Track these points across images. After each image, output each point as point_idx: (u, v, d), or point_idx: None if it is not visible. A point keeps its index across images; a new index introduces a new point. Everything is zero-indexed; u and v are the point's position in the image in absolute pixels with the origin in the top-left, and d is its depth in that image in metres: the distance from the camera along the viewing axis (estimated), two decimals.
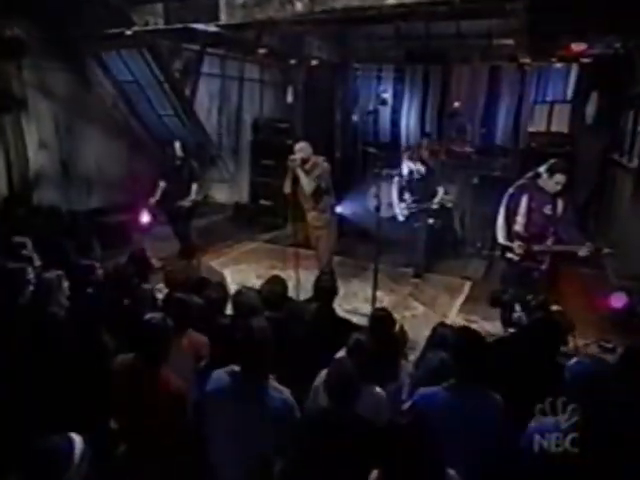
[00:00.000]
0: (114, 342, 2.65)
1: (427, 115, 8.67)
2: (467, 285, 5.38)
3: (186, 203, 5.31)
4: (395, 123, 9.00)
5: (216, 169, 7.41)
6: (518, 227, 3.80)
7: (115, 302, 2.98)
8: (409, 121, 8.82)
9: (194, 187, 5.42)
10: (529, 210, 3.64)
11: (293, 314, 3.08)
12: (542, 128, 6.68)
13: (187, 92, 6.40)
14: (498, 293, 3.71)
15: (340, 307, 3.80)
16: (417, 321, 4.45)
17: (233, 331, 2.76)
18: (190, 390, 2.30)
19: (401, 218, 5.36)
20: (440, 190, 5.30)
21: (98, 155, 6.19)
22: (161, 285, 3.67)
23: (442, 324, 2.79)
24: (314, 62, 7.44)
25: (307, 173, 4.31)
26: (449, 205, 5.24)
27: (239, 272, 5.49)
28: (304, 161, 4.31)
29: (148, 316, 2.36)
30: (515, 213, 3.77)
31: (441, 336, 2.66)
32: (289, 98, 8.01)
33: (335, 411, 2.02)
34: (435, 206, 5.20)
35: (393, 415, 2.32)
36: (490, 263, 5.78)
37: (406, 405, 2.25)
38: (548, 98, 7.18)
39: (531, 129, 6.82)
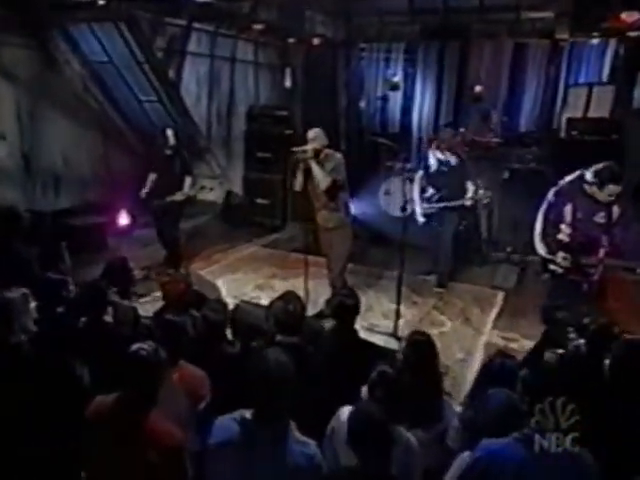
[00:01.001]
0: (90, 377, 2.39)
1: (443, 101, 8.48)
2: (499, 296, 5.18)
3: (178, 197, 5.09)
4: (406, 111, 8.82)
5: (205, 163, 7.20)
6: (562, 236, 3.59)
7: (91, 325, 2.69)
8: (422, 108, 8.64)
9: (187, 180, 5.20)
10: (575, 219, 3.51)
11: (309, 338, 2.78)
12: (578, 114, 6.42)
13: (171, 74, 6.22)
14: (550, 309, 3.45)
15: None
16: (446, 339, 4.25)
17: (241, 364, 2.51)
18: (187, 442, 2.01)
19: (421, 219, 5.17)
20: (470, 185, 5.06)
21: (66, 147, 6.03)
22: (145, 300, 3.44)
23: (501, 353, 2.49)
24: (316, 41, 7.30)
25: (321, 166, 4.11)
26: (486, 201, 5.00)
27: (235, 282, 5.31)
28: (317, 152, 4.11)
29: (136, 346, 2.06)
30: (557, 223, 3.61)
31: (501, 368, 2.34)
32: (287, 82, 7.88)
33: (362, 472, 1.78)
34: (470, 202, 4.99)
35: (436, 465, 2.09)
36: (522, 270, 5.63)
37: (463, 457, 1.97)
38: (583, 80, 6.97)
39: (566, 115, 6.54)
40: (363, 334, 3.27)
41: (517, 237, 5.74)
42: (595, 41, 6.61)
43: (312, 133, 4.14)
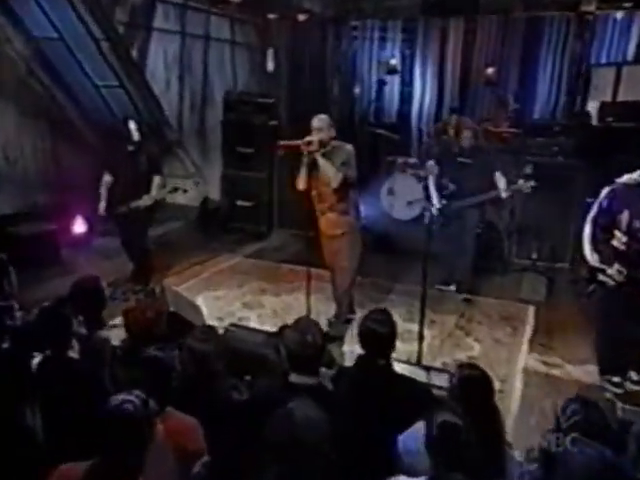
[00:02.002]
0: (46, 433, 2.14)
1: (446, 86, 8.48)
2: (529, 311, 5.00)
3: (144, 202, 4.80)
4: (404, 98, 8.82)
5: (176, 160, 6.95)
6: (617, 243, 3.42)
7: (50, 364, 2.41)
8: (423, 95, 8.64)
9: (156, 180, 4.91)
10: (632, 227, 3.36)
11: (335, 377, 2.52)
12: (605, 97, 6.31)
13: (135, 54, 6.08)
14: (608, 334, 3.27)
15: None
16: None
17: (244, 410, 2.28)
18: None
19: (439, 219, 5.02)
20: (500, 175, 4.90)
21: (7, 141, 5.73)
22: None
23: (577, 398, 2.20)
24: (302, 17, 7.33)
25: (330, 160, 3.93)
26: (524, 189, 4.81)
27: (217, 300, 5.09)
28: (323, 143, 3.90)
29: (119, 399, 1.74)
30: (610, 229, 3.46)
31: (586, 415, 2.09)
32: (270, 65, 7.92)
33: None
34: (506, 194, 4.84)
35: None
36: (551, 280, 5.54)
37: None
38: (610, 59, 6.95)
39: (592, 99, 6.46)
40: None
41: (543, 241, 5.70)
42: (619, 15, 6.49)
43: (317, 121, 3.95)
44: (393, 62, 8.08)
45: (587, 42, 6.88)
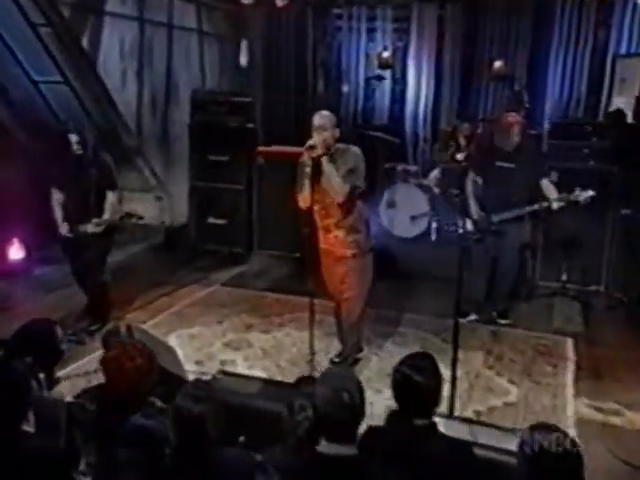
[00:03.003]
0: None
1: (445, 83, 8.44)
2: (568, 345, 4.87)
3: (93, 228, 4.58)
4: (397, 97, 8.75)
5: (133, 170, 6.77)
6: None
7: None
8: (418, 93, 8.56)
9: (110, 198, 4.71)
10: None
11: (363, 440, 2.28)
12: (634, 91, 6.24)
13: (84, 44, 5.91)
14: None
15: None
16: (516, 414, 3.87)
17: None
18: None
19: (474, 236, 4.96)
20: (549, 183, 4.82)
21: None
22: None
23: None
24: (280, 3, 7.20)
25: (335, 166, 3.80)
26: (582, 200, 4.65)
27: (193, 340, 4.86)
28: (327, 146, 3.76)
29: None
30: None
31: None
32: (243, 59, 7.85)
33: None
34: (558, 205, 4.67)
35: None
36: (585, 306, 5.48)
37: None
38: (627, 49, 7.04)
39: (619, 94, 6.52)
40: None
41: (573, 260, 5.64)
42: None
43: (319, 118, 3.82)
44: (386, 55, 7.96)
45: (611, 29, 6.95)
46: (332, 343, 4.51)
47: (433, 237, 6.51)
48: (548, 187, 4.81)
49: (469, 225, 4.99)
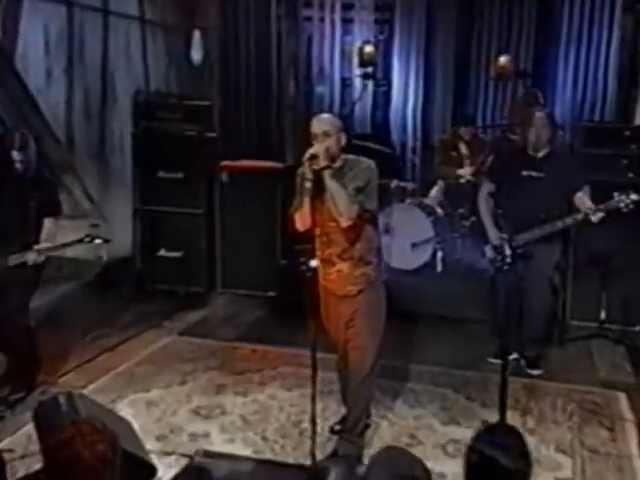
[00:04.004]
0: None
1: (436, 81, 8.48)
2: (621, 400, 4.83)
3: (35, 257, 4.41)
4: (379, 100, 8.74)
5: (62, 191, 6.35)
6: None
7: None
8: (406, 96, 8.56)
9: (47, 226, 4.59)
10: None
11: None
12: None
13: None
14: None
15: None
16: None
17: None
18: None
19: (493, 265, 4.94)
20: (584, 197, 4.84)
21: None
22: None
23: None
24: None
25: (340, 183, 3.72)
26: (626, 205, 4.62)
27: (151, 408, 4.65)
28: (332, 157, 3.70)
29: None
30: None
31: None
32: (195, 54, 7.76)
33: None
34: (598, 215, 4.65)
35: None
36: (633, 350, 5.54)
37: None
38: None
39: None
40: None
41: (613, 294, 5.68)
42: None
43: (321, 123, 3.73)
44: (368, 50, 7.78)
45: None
46: (330, 405, 4.42)
47: (439, 268, 6.47)
48: (582, 200, 4.82)
49: (488, 252, 5.04)
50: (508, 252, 4.40)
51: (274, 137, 8.02)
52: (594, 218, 4.68)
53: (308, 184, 3.64)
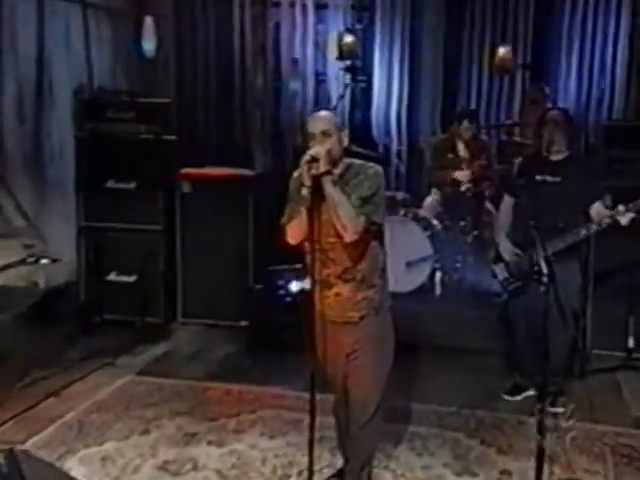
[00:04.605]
0: None
1: (424, 75, 8.56)
2: None
3: None
4: (358, 97, 8.77)
5: None
6: None
7: None
8: (389, 92, 8.63)
9: None
10: None
11: None
12: None
13: None
14: None
15: None
16: None
17: None
18: None
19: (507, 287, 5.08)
20: (600, 206, 4.91)
21: None
22: None
23: None
24: None
25: (343, 190, 3.72)
26: None
27: (107, 465, 4.51)
28: (333, 161, 3.69)
29: None
30: None
31: None
32: (148, 43, 7.71)
33: None
34: (627, 217, 4.71)
35: None
36: None
37: None
38: None
39: None
40: None
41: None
42: None
43: (320, 122, 3.72)
44: (349, 40, 7.87)
45: None
46: (322, 454, 4.30)
47: (438, 291, 6.53)
48: (599, 211, 4.91)
49: (499, 271, 5.09)
50: (544, 269, 4.39)
51: (240, 140, 8.05)
52: (623, 220, 4.71)
53: (306, 191, 3.60)
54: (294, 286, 5.91)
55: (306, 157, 3.55)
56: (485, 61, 8.10)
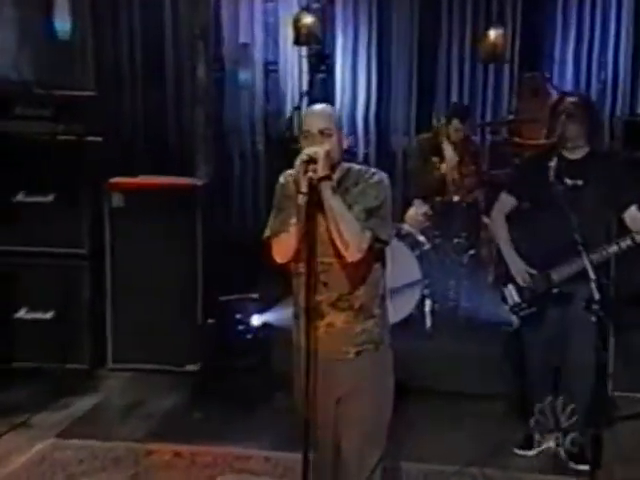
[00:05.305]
0: None
1: (395, 68, 8.63)
2: None
3: None
4: (317, 92, 8.62)
5: None
6: None
7: None
8: (353, 85, 8.73)
9: None
10: None
11: None
12: None
13: None
14: None
15: None
16: None
17: None
18: None
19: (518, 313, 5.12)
20: (637, 213, 4.95)
21: None
22: None
23: None
24: None
25: (343, 200, 3.71)
26: None
27: None
28: (332, 164, 3.65)
29: None
30: None
31: None
32: (61, 23, 7.65)
33: None
34: None
35: None
36: None
37: None
38: None
39: None
40: None
41: None
42: None
43: (316, 117, 3.72)
44: (308, 20, 7.90)
45: None
46: None
47: (429, 323, 6.54)
48: (636, 219, 4.93)
49: (510, 295, 5.09)
50: (596, 295, 4.28)
51: (176, 143, 8.07)
52: None
53: (301, 199, 3.54)
54: (255, 320, 5.84)
55: (302, 156, 3.50)
56: (467, 46, 8.23)
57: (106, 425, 5.95)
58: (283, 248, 3.72)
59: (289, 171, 3.79)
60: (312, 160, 3.46)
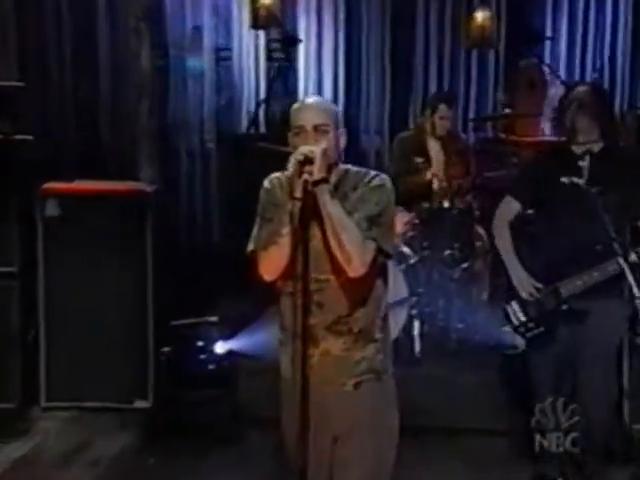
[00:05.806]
0: None
1: (366, 58, 8.82)
2: None
3: None
4: (278, 86, 9.01)
5: None
6: None
7: None
8: (319, 77, 8.94)
9: None
10: None
11: None
12: None
13: None
14: None
15: None
16: None
17: None
18: None
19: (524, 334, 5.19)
20: None
21: None
22: None
23: None
24: None
25: (341, 204, 3.69)
26: None
27: None
28: (327, 166, 3.61)
29: None
30: None
31: None
32: None
33: None
34: None
35: None
36: None
37: None
38: None
39: None
40: None
41: None
42: None
43: (310, 111, 3.70)
44: (267, 1, 7.99)
45: None
46: None
47: (417, 347, 6.60)
48: None
49: (513, 313, 5.14)
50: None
51: (112, 142, 7.95)
52: None
53: (295, 205, 3.50)
54: (219, 347, 5.78)
55: (297, 156, 3.42)
56: (447, 30, 8.29)
57: (40, 475, 5.82)
58: (274, 263, 3.68)
59: (275, 174, 3.78)
60: (308, 160, 3.42)
